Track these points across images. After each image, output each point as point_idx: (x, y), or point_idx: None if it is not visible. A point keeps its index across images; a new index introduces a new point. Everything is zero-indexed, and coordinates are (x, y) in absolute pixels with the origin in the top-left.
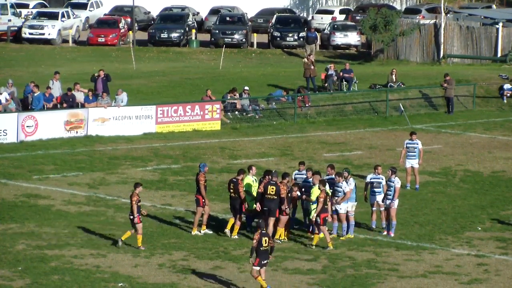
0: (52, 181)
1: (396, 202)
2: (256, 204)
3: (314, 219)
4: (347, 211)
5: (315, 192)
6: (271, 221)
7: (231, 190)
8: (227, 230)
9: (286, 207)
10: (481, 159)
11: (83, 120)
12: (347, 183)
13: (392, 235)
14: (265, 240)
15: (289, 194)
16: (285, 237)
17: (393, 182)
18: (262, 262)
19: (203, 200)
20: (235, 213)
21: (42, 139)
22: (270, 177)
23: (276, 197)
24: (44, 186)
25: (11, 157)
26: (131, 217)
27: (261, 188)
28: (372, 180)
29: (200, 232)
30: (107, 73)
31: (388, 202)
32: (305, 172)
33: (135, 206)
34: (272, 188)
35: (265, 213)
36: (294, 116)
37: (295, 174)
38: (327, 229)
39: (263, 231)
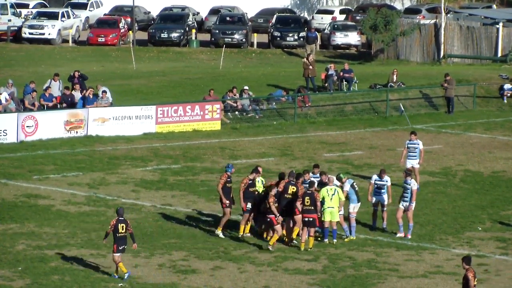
0: (52, 181)
1: (413, 204)
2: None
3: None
4: (349, 212)
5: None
6: (294, 220)
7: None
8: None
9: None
10: (481, 159)
11: (83, 120)
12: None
13: (409, 236)
14: (122, 226)
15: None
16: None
17: (409, 185)
18: (120, 248)
19: (227, 202)
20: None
21: (42, 139)
22: (292, 177)
23: (293, 197)
24: (44, 186)
25: (11, 157)
26: (268, 219)
27: (281, 187)
28: (376, 182)
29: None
30: (83, 73)
31: (405, 204)
32: (319, 175)
33: (273, 207)
34: (293, 188)
35: (283, 213)
36: (294, 116)
37: (310, 178)
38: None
39: (120, 218)
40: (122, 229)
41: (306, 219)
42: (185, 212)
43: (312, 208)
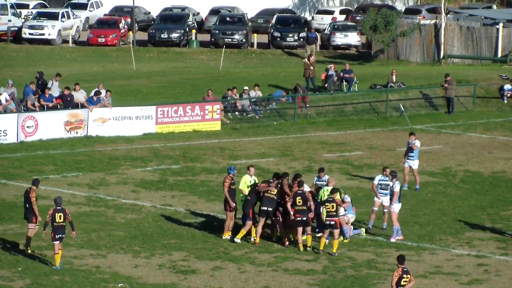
0: (52, 181)
1: (397, 206)
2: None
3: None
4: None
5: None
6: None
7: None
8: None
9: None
10: (481, 160)
11: (83, 120)
12: None
13: (393, 240)
14: (60, 215)
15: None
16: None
17: (393, 186)
18: (57, 236)
19: (234, 205)
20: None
21: (42, 140)
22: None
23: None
24: (44, 186)
25: (11, 157)
26: (332, 222)
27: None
28: (380, 182)
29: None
30: (42, 73)
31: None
32: (325, 178)
33: (341, 209)
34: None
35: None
36: (294, 117)
37: (315, 181)
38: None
39: (58, 207)
40: (60, 218)
41: (299, 218)
42: (185, 212)
43: (305, 208)
